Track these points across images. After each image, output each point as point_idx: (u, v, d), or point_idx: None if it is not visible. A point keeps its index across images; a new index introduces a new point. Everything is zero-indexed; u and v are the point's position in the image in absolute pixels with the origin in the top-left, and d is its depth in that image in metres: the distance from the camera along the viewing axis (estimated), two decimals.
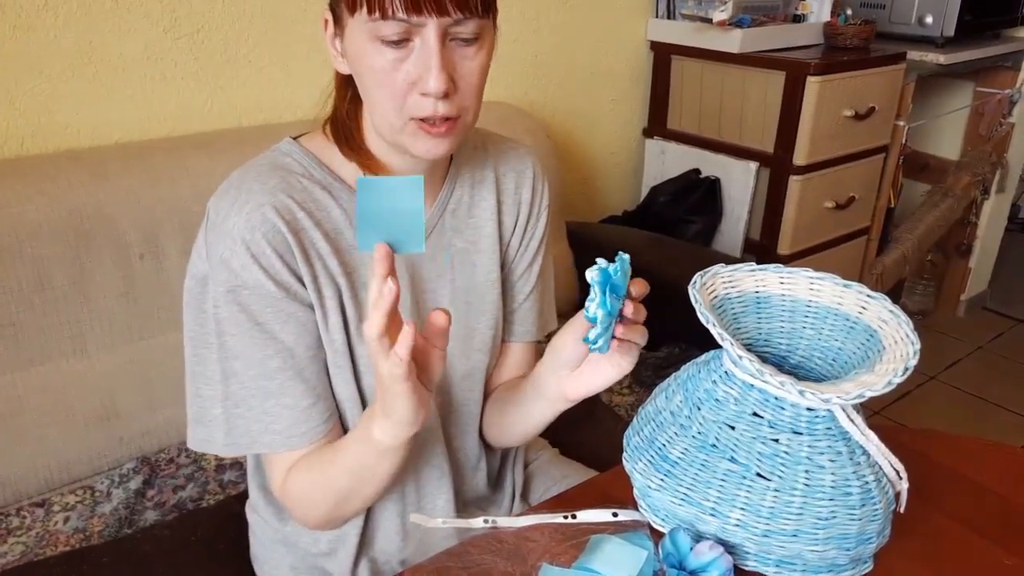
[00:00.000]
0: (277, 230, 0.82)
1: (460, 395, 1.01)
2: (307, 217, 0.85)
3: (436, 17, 0.74)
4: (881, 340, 0.79)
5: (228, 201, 0.83)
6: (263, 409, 0.85)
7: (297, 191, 0.85)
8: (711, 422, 0.78)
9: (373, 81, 0.79)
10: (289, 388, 0.85)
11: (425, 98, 0.78)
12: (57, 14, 1.40)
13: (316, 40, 1.71)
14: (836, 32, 2.22)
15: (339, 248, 0.87)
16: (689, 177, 2.29)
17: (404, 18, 0.73)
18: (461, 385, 1.01)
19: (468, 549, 0.80)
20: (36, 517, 1.26)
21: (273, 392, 0.85)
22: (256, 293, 0.82)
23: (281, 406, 0.85)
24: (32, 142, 1.44)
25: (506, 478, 1.14)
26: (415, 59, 0.77)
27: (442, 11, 0.74)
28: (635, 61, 2.38)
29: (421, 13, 0.73)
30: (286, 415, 0.85)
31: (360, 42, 0.77)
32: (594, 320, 0.74)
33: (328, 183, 0.88)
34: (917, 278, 3.07)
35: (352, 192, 0.89)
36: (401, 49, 0.76)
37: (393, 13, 0.73)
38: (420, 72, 0.77)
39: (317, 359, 0.87)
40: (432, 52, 0.75)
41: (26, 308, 1.27)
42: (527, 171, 1.03)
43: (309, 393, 0.86)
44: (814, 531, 0.73)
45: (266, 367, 0.84)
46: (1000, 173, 2.85)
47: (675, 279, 1.06)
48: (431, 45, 0.75)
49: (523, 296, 1.05)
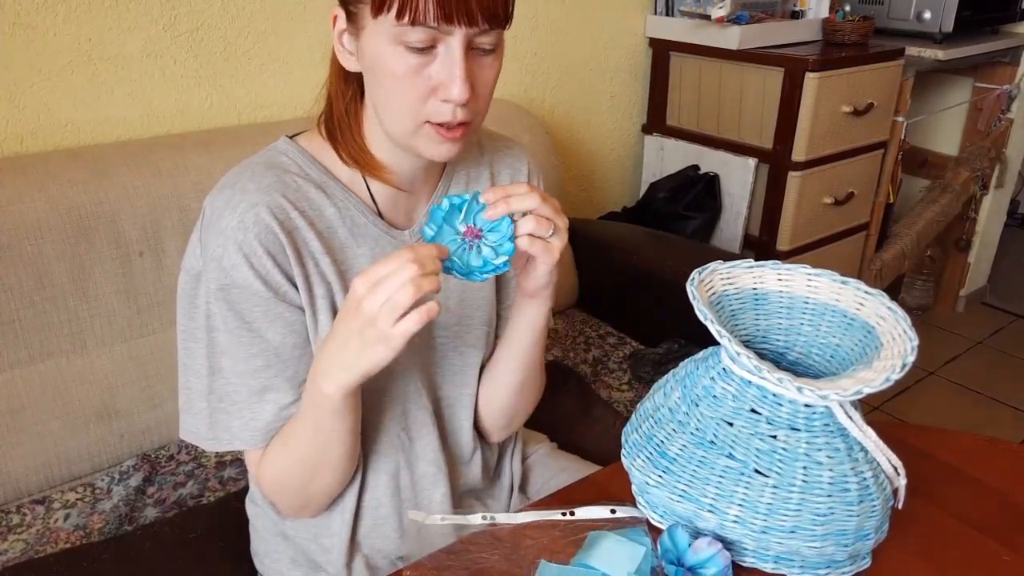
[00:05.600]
0: (270, 230, 0.82)
1: (453, 390, 1.02)
2: (300, 216, 0.85)
3: (465, 27, 0.75)
4: (879, 336, 0.79)
5: (223, 200, 0.84)
6: (245, 406, 0.87)
7: (291, 190, 0.86)
8: (709, 418, 0.78)
9: (392, 84, 0.79)
10: (272, 387, 0.86)
11: (445, 104, 0.78)
12: (57, 12, 1.40)
13: (315, 37, 1.71)
14: (834, 28, 2.22)
15: (331, 247, 0.88)
16: (688, 173, 2.29)
17: (434, 26, 0.74)
18: (454, 380, 1.02)
19: (467, 547, 0.80)
20: (36, 514, 1.26)
21: (256, 390, 0.86)
22: (245, 292, 0.83)
23: (263, 404, 0.87)
24: (32, 140, 1.44)
25: (504, 471, 1.14)
26: (438, 66, 0.77)
27: (472, 21, 0.75)
28: (634, 58, 2.38)
29: (452, 23, 0.74)
30: (267, 412, 0.87)
31: (381, 45, 0.77)
32: (427, 238, 0.79)
33: (323, 182, 0.89)
34: (916, 274, 3.07)
35: (347, 190, 0.89)
36: (424, 55, 0.77)
37: (424, 20, 0.73)
38: (442, 79, 0.77)
39: (302, 359, 0.88)
40: (457, 61, 0.76)
41: (26, 305, 1.27)
42: (522, 168, 1.04)
43: (291, 392, 0.87)
44: (812, 527, 0.74)
45: (250, 365, 0.85)
46: (999, 168, 2.85)
47: (673, 275, 1.07)
48: (456, 54, 0.76)
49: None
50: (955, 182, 2.71)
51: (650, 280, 1.85)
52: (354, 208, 0.90)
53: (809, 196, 2.16)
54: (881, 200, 2.44)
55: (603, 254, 1.99)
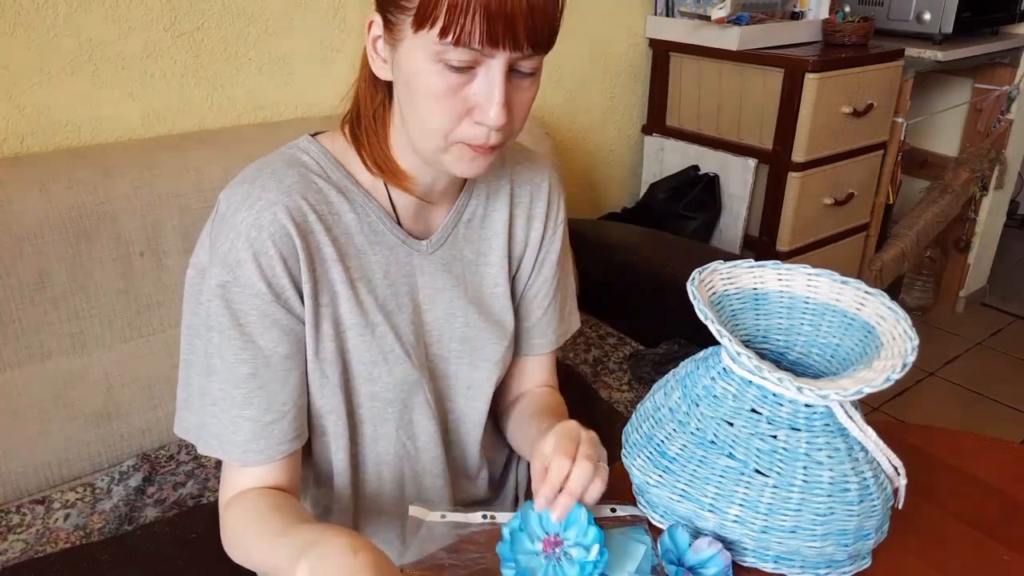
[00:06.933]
0: (285, 232, 0.80)
1: (463, 405, 1.00)
2: (318, 220, 0.83)
3: (509, 52, 0.72)
4: (879, 336, 0.79)
5: (241, 195, 0.81)
6: (227, 418, 0.83)
7: (312, 192, 0.83)
8: (709, 418, 0.78)
9: (427, 102, 0.76)
10: (251, 402, 0.82)
11: (479, 126, 0.76)
12: (57, 12, 1.40)
13: (315, 37, 1.72)
14: (834, 29, 2.22)
15: (346, 254, 0.86)
16: (688, 174, 2.29)
17: (478, 48, 0.72)
18: (466, 395, 0.99)
19: (467, 547, 0.80)
20: (36, 514, 1.26)
21: (237, 402, 0.82)
22: (246, 293, 0.80)
23: (243, 418, 0.83)
24: (32, 140, 1.44)
25: (508, 479, 1.14)
26: (476, 88, 0.75)
27: (516, 46, 0.72)
28: (634, 58, 2.38)
29: (496, 46, 0.72)
30: (246, 427, 0.83)
31: (419, 60, 0.74)
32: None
33: (344, 186, 0.86)
34: (916, 274, 3.07)
35: (367, 196, 0.87)
36: (463, 75, 0.74)
37: (468, 42, 0.71)
38: (479, 101, 0.75)
39: (292, 375, 0.85)
40: (496, 85, 0.74)
41: (27, 305, 1.27)
42: (543, 184, 1.01)
43: (273, 409, 0.84)
44: (812, 527, 0.74)
45: (236, 372, 0.82)
46: (999, 169, 2.85)
47: (674, 275, 1.06)
48: (496, 78, 0.74)
49: (541, 311, 1.04)
50: (955, 183, 2.71)
51: (650, 280, 1.85)
52: (374, 215, 0.88)
53: (809, 196, 2.16)
54: (881, 201, 2.44)
55: (603, 254, 1.99)
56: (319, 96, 1.76)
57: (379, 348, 0.89)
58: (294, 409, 0.86)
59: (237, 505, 0.84)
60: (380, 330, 0.88)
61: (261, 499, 0.82)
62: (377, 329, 0.88)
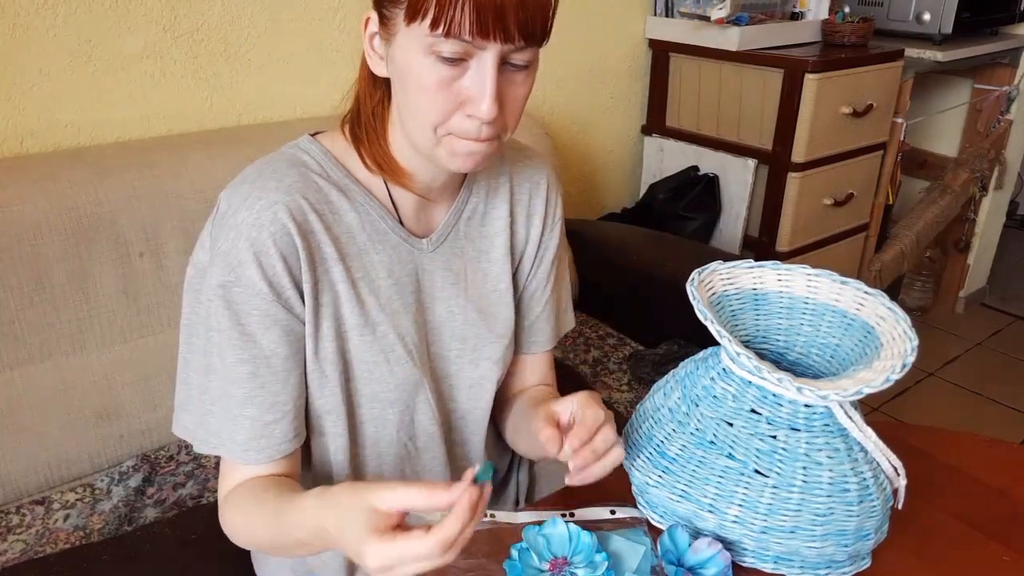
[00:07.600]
0: (286, 231, 0.80)
1: (466, 403, 1.00)
2: (318, 220, 0.83)
3: (500, 43, 0.72)
4: (879, 336, 0.79)
5: (241, 195, 0.81)
6: (227, 417, 0.83)
7: (312, 191, 0.83)
8: (709, 419, 0.78)
9: (419, 94, 0.76)
10: (251, 402, 0.83)
11: (471, 119, 0.76)
12: (57, 12, 1.40)
13: (315, 38, 1.72)
14: (834, 29, 2.22)
15: (347, 253, 0.86)
16: (688, 174, 2.29)
17: (468, 40, 0.71)
18: (468, 393, 0.99)
19: (467, 546, 0.80)
20: (36, 515, 1.26)
21: (238, 402, 0.83)
22: (247, 292, 0.80)
23: (244, 416, 0.83)
24: (32, 140, 1.45)
25: (510, 481, 1.14)
26: (468, 80, 0.75)
27: (508, 38, 0.72)
28: (633, 59, 2.38)
29: (487, 38, 0.71)
30: (246, 426, 0.83)
31: (412, 53, 0.75)
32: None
33: (345, 185, 0.86)
34: (916, 275, 3.07)
35: (368, 195, 0.87)
36: (455, 67, 0.74)
37: (459, 33, 0.71)
38: (471, 94, 0.75)
39: (292, 375, 0.85)
40: (488, 78, 0.74)
41: (26, 306, 1.27)
42: (541, 182, 1.01)
43: (274, 408, 0.84)
44: (812, 527, 0.74)
45: (236, 372, 0.82)
46: (998, 169, 2.85)
47: (674, 276, 1.06)
48: (488, 70, 0.74)
49: (539, 308, 1.04)
50: (954, 183, 2.71)
51: (650, 281, 1.85)
52: (375, 214, 0.88)
53: (809, 197, 2.17)
54: (880, 201, 2.44)
55: (603, 255, 1.99)
56: (319, 96, 1.76)
57: (380, 348, 0.89)
58: (294, 409, 0.86)
59: (237, 494, 0.85)
60: (381, 330, 0.88)
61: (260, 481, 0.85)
62: (378, 329, 0.88)
